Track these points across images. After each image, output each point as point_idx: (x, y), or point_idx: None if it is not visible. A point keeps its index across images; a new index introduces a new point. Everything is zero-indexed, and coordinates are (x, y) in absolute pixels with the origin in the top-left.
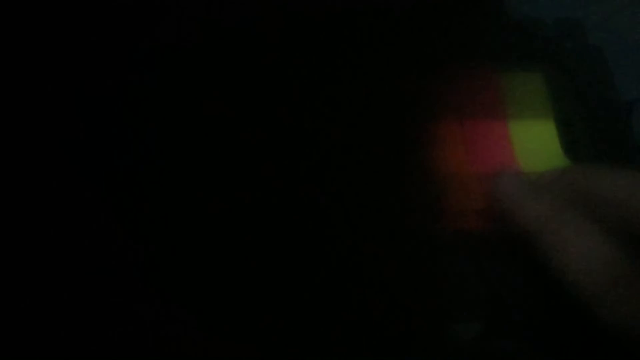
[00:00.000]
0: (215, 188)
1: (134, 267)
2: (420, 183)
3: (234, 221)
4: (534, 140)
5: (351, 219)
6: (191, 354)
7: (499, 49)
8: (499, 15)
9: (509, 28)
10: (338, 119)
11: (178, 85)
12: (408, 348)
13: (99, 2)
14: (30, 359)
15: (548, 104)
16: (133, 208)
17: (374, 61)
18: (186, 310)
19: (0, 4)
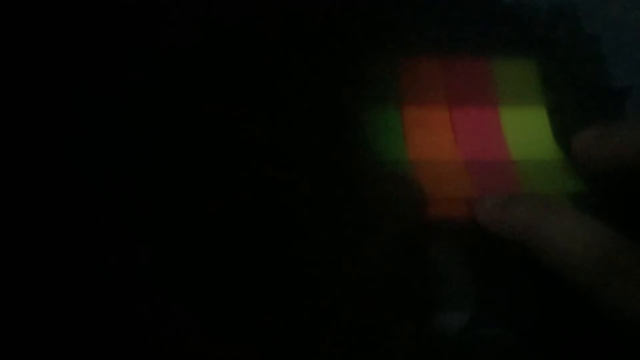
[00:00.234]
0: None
1: (128, 267)
2: (400, 171)
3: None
4: (525, 128)
5: (330, 210)
6: (181, 353)
7: (491, 34)
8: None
9: (501, 13)
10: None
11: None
12: (394, 339)
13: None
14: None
15: (540, 91)
16: (124, 206)
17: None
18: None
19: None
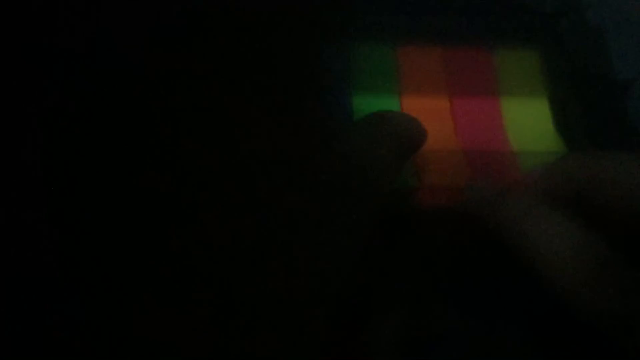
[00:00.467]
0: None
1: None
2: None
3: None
4: (526, 119)
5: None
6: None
7: (494, 25)
8: None
9: (505, 4)
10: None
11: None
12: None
13: None
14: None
15: (542, 82)
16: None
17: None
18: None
19: None
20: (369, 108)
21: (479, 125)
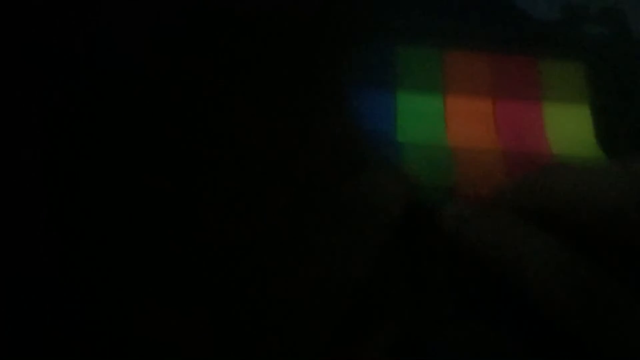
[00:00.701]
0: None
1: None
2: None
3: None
4: (567, 124)
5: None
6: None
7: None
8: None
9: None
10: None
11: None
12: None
13: None
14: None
15: (585, 90)
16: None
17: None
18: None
19: None
20: (413, 105)
21: (520, 127)
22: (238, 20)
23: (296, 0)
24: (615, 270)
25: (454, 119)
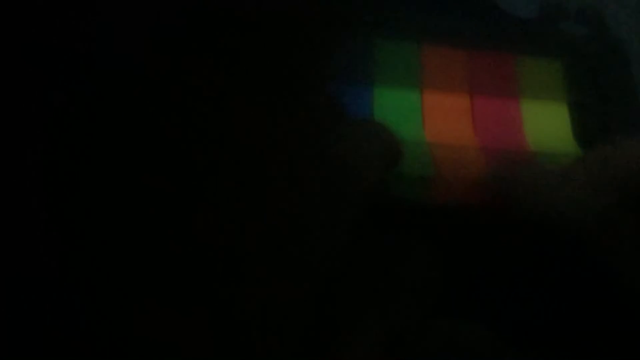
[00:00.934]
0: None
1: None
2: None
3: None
4: (544, 121)
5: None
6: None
7: (518, 31)
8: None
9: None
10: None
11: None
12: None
13: None
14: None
15: (562, 88)
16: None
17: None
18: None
19: None
20: (390, 101)
21: (497, 123)
22: (220, 16)
23: None
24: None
25: (432, 114)
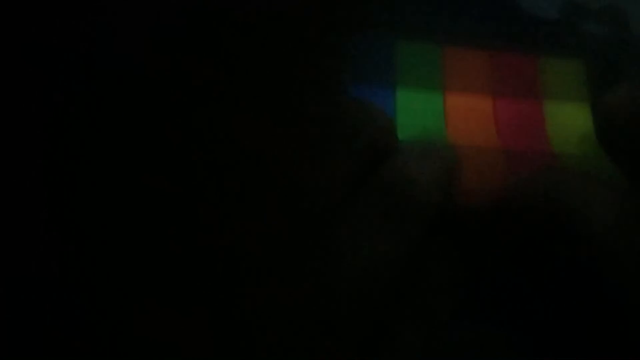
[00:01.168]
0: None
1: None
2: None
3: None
4: (568, 122)
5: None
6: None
7: (542, 31)
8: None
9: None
10: None
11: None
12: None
13: None
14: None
15: (585, 89)
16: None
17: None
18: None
19: None
20: (413, 102)
21: (520, 125)
22: (234, 17)
23: None
24: None
25: (454, 116)
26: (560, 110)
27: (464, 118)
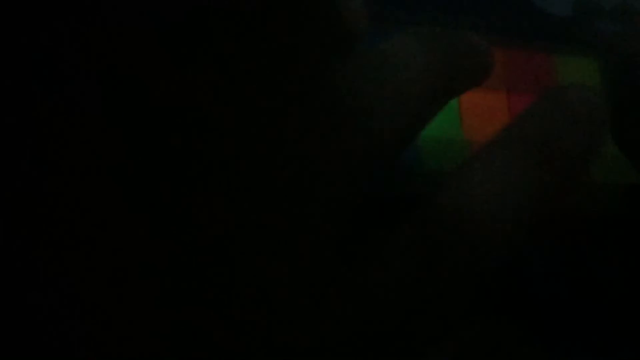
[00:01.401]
0: None
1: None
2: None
3: None
4: None
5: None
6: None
7: (555, 29)
8: None
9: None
10: None
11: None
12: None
13: None
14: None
15: (599, 87)
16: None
17: None
18: None
19: None
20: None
21: None
22: (239, 17)
23: None
24: None
25: (469, 112)
26: None
27: (479, 115)
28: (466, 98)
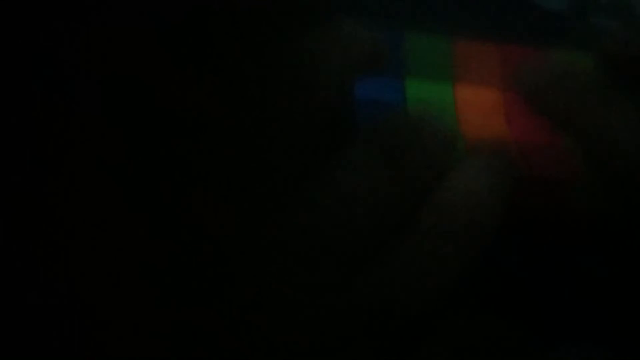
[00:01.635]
0: None
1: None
2: None
3: None
4: None
5: None
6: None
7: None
8: None
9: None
10: None
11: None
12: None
13: None
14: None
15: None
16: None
17: None
18: None
19: None
20: (423, 93)
21: (530, 117)
22: (239, 17)
23: None
24: None
25: (465, 108)
26: None
27: (474, 110)
28: (462, 94)
